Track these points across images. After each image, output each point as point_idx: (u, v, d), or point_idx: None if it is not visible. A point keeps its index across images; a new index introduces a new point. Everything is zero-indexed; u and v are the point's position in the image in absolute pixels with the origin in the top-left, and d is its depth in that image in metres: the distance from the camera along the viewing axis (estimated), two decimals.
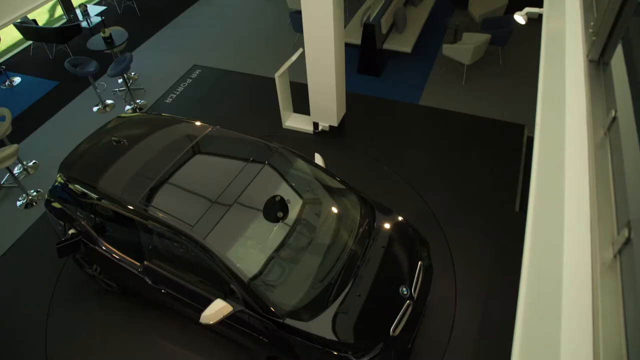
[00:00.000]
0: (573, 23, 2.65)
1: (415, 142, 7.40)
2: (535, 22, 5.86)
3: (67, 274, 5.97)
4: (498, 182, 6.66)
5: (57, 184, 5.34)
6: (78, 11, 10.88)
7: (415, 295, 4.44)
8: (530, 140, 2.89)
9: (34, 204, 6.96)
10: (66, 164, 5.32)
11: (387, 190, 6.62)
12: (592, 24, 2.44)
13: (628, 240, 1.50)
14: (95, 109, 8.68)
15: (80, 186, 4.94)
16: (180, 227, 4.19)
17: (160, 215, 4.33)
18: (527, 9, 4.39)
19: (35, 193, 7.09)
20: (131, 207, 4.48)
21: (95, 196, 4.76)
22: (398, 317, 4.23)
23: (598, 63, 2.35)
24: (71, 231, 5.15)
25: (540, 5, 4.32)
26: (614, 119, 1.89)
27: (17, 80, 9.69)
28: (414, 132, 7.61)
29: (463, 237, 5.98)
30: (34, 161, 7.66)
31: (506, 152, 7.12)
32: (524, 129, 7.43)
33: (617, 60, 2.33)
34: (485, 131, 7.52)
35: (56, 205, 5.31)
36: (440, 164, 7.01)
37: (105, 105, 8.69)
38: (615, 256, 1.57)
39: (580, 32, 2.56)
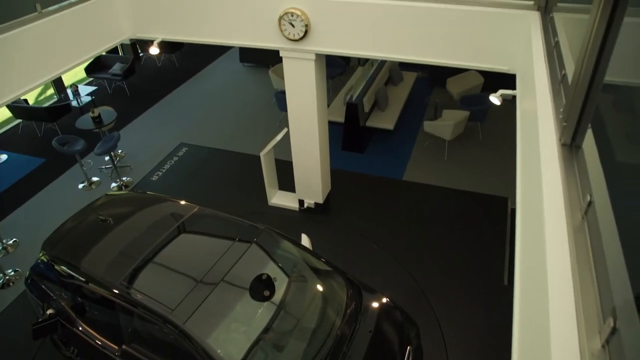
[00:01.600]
0: (544, 107, 2.77)
1: (400, 218, 7.43)
2: (511, 98, 6.14)
3: (43, 356, 5.67)
4: (485, 256, 6.64)
5: (39, 261, 5.23)
6: (69, 91, 11.14)
7: None
8: (514, 212, 2.95)
9: (11, 284, 6.73)
10: (50, 241, 5.24)
11: (374, 267, 6.55)
12: (561, 110, 2.55)
13: (614, 330, 1.47)
14: (80, 186, 8.67)
15: (62, 265, 4.84)
16: (160, 310, 4.06)
17: (140, 297, 4.21)
18: (501, 91, 4.59)
19: (13, 273, 6.88)
20: (111, 289, 4.36)
21: (76, 276, 4.65)
22: None
23: (570, 147, 2.43)
24: (49, 311, 4.97)
25: (514, 84, 4.54)
26: (590, 203, 1.93)
27: (3, 157, 9.71)
28: (399, 208, 7.66)
29: (453, 314, 5.86)
30: (14, 239, 7.50)
31: (491, 225, 7.17)
32: (507, 201, 7.54)
33: (589, 144, 2.42)
34: (469, 205, 7.61)
35: (36, 283, 5.17)
36: (427, 239, 7.01)
37: (91, 183, 8.68)
38: (603, 346, 1.54)
39: (551, 117, 2.66)
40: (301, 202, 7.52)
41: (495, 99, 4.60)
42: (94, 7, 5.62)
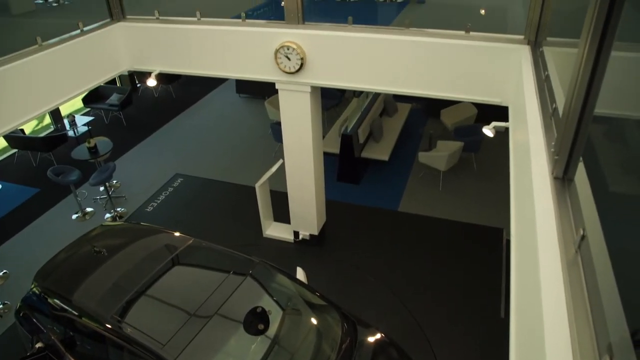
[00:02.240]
0: (536, 140, 2.80)
1: (396, 249, 7.40)
2: (504, 130, 6.21)
3: None
4: (481, 288, 6.60)
5: (30, 293, 5.15)
6: (66, 121, 11.19)
7: None
8: (510, 243, 2.96)
9: (0, 317, 6.60)
10: (42, 272, 5.19)
11: (369, 300, 6.49)
12: (553, 143, 2.58)
13: None
14: (74, 216, 8.61)
15: (54, 297, 4.77)
16: (151, 345, 3.98)
17: (131, 331, 4.13)
18: (494, 124, 4.65)
19: (1, 305, 6.76)
20: (102, 322, 4.28)
21: (67, 308, 4.58)
22: None
23: (563, 180, 2.45)
24: (38, 345, 4.88)
25: (507, 115, 4.60)
26: (583, 237, 1.94)
27: None
28: (395, 239, 7.64)
29: (450, 348, 5.78)
30: (4, 271, 7.39)
31: (487, 256, 7.14)
32: (503, 232, 7.54)
33: (580, 177, 2.44)
34: (465, 236, 7.59)
35: (27, 315, 5.08)
36: (423, 270, 6.96)
37: (85, 213, 8.63)
38: None
39: (543, 150, 2.69)
40: (296, 233, 7.48)
41: (488, 132, 4.65)
42: (93, 40, 5.72)
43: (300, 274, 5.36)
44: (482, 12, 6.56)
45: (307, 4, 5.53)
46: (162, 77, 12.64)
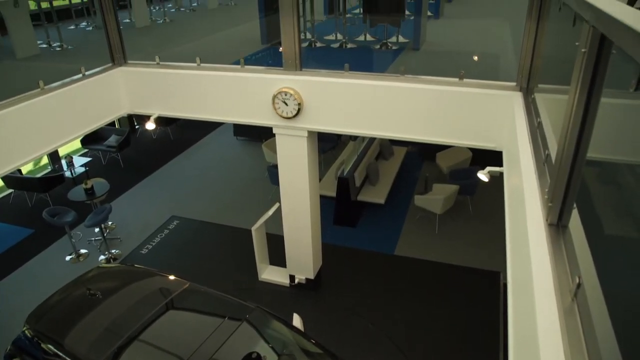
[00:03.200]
0: (530, 187, 2.83)
1: (393, 294, 7.32)
2: (499, 174, 6.27)
3: None
4: (480, 333, 6.49)
5: (21, 335, 5.04)
6: (63, 161, 11.24)
7: None
8: (507, 287, 2.94)
9: None
10: (35, 315, 5.09)
11: (366, 346, 6.37)
12: (546, 190, 2.61)
13: None
14: (68, 258, 8.52)
15: (45, 340, 4.66)
16: None
17: None
18: (488, 168, 4.70)
19: None
20: None
21: (58, 353, 4.47)
22: None
23: (557, 226, 2.47)
24: None
25: (501, 159, 4.65)
26: (579, 285, 1.93)
27: None
28: (392, 284, 7.56)
29: None
30: None
31: (484, 300, 7.07)
32: (499, 275, 7.48)
33: (575, 224, 2.46)
34: (462, 280, 7.53)
35: (17, 359, 4.95)
36: (420, 315, 6.87)
37: (79, 255, 8.55)
38: None
39: (537, 197, 2.72)
40: (292, 277, 7.41)
41: (483, 176, 4.70)
42: (94, 84, 5.83)
43: (297, 321, 5.28)
44: (475, 58, 6.76)
45: (304, 51, 5.69)
46: (161, 119, 12.74)
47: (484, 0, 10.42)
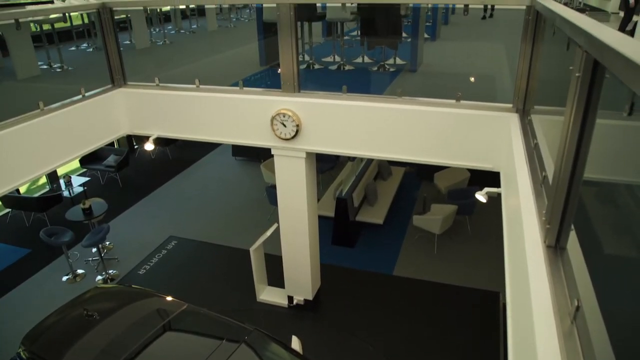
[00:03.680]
0: (527, 209, 2.84)
1: (392, 315, 7.26)
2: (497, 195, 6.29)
3: None
4: (479, 354, 6.44)
5: (16, 357, 4.97)
6: (62, 181, 11.24)
7: None
8: (506, 307, 2.93)
9: None
10: (31, 336, 5.03)
11: None
12: (544, 211, 2.62)
13: None
14: (64, 278, 8.46)
15: None
16: None
17: None
18: (486, 189, 4.71)
19: None
20: None
21: None
22: None
23: (555, 248, 2.47)
24: None
25: (499, 179, 4.67)
26: (578, 307, 1.93)
27: None
28: (391, 305, 7.51)
29: None
30: None
31: (484, 321, 7.02)
32: (499, 295, 7.44)
33: (573, 246, 2.46)
34: (461, 300, 7.49)
35: None
36: (420, 337, 6.80)
37: (76, 275, 8.49)
38: None
39: (535, 218, 2.73)
40: (290, 298, 7.36)
41: (481, 197, 4.71)
42: (94, 104, 5.86)
43: (296, 343, 5.24)
44: (472, 79, 6.84)
45: (303, 72, 5.75)
46: (160, 140, 12.82)
47: (480, 23, 10.56)
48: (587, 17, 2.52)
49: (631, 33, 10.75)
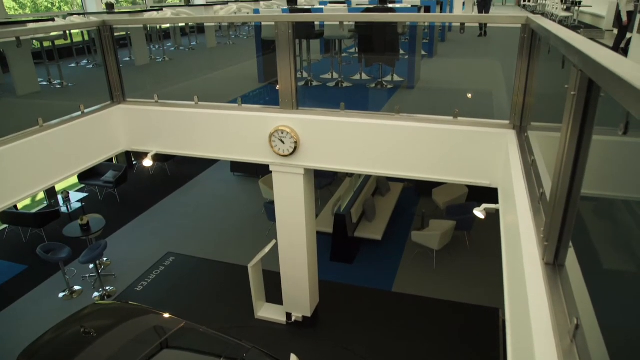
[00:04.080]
0: (525, 226, 2.84)
1: (391, 332, 7.21)
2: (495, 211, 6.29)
3: None
4: None
5: None
6: (60, 197, 11.23)
7: None
8: (505, 324, 2.92)
9: None
10: (27, 353, 4.98)
11: None
12: (542, 229, 2.62)
13: None
14: (61, 295, 8.40)
15: None
16: None
17: None
18: (484, 206, 4.72)
19: None
20: None
21: None
22: None
23: (554, 266, 2.46)
24: None
25: (497, 194, 4.68)
26: (577, 326, 1.92)
27: None
28: (390, 321, 7.46)
29: None
30: None
31: (484, 337, 6.97)
32: (498, 312, 7.39)
33: (571, 263, 2.46)
34: (460, 317, 7.44)
35: None
36: (419, 354, 6.75)
37: (73, 292, 8.43)
38: None
39: (533, 235, 2.73)
40: (289, 315, 7.31)
41: (479, 213, 4.71)
42: (93, 121, 5.88)
43: None
44: (469, 96, 6.88)
45: (301, 89, 5.79)
46: (158, 155, 12.83)
47: (477, 40, 10.68)
48: (581, 37, 2.55)
49: (625, 49, 10.87)
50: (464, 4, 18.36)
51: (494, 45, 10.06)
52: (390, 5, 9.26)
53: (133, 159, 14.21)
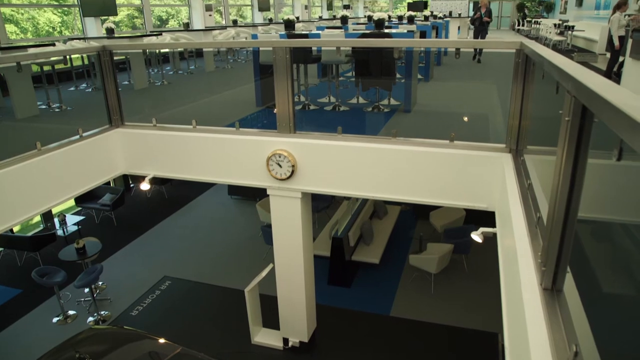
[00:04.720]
0: (523, 251, 2.83)
1: (389, 357, 7.12)
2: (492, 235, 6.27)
3: None
4: None
5: None
6: (56, 220, 11.17)
7: None
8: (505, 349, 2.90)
9: None
10: None
11: None
12: (539, 253, 2.62)
13: None
14: (55, 319, 8.29)
15: None
16: None
17: None
18: (482, 229, 4.71)
19: None
20: None
21: None
22: None
23: (552, 291, 2.45)
24: None
25: (494, 217, 4.67)
26: (576, 354, 1.90)
27: None
28: (388, 346, 7.37)
29: None
30: None
31: None
32: (497, 337, 7.31)
33: (569, 288, 2.45)
34: (459, 342, 7.36)
35: None
36: None
37: (67, 317, 8.32)
38: None
39: (531, 260, 2.72)
40: (286, 340, 7.21)
41: (476, 237, 4.70)
42: (91, 145, 5.90)
43: None
44: (465, 119, 6.94)
45: (298, 113, 5.83)
46: (156, 178, 12.84)
47: (472, 64, 10.82)
48: (574, 63, 2.59)
49: (618, 73, 11.02)
50: (459, 28, 18.67)
51: (489, 68, 10.19)
52: (386, 31, 9.39)
53: (130, 182, 14.20)
